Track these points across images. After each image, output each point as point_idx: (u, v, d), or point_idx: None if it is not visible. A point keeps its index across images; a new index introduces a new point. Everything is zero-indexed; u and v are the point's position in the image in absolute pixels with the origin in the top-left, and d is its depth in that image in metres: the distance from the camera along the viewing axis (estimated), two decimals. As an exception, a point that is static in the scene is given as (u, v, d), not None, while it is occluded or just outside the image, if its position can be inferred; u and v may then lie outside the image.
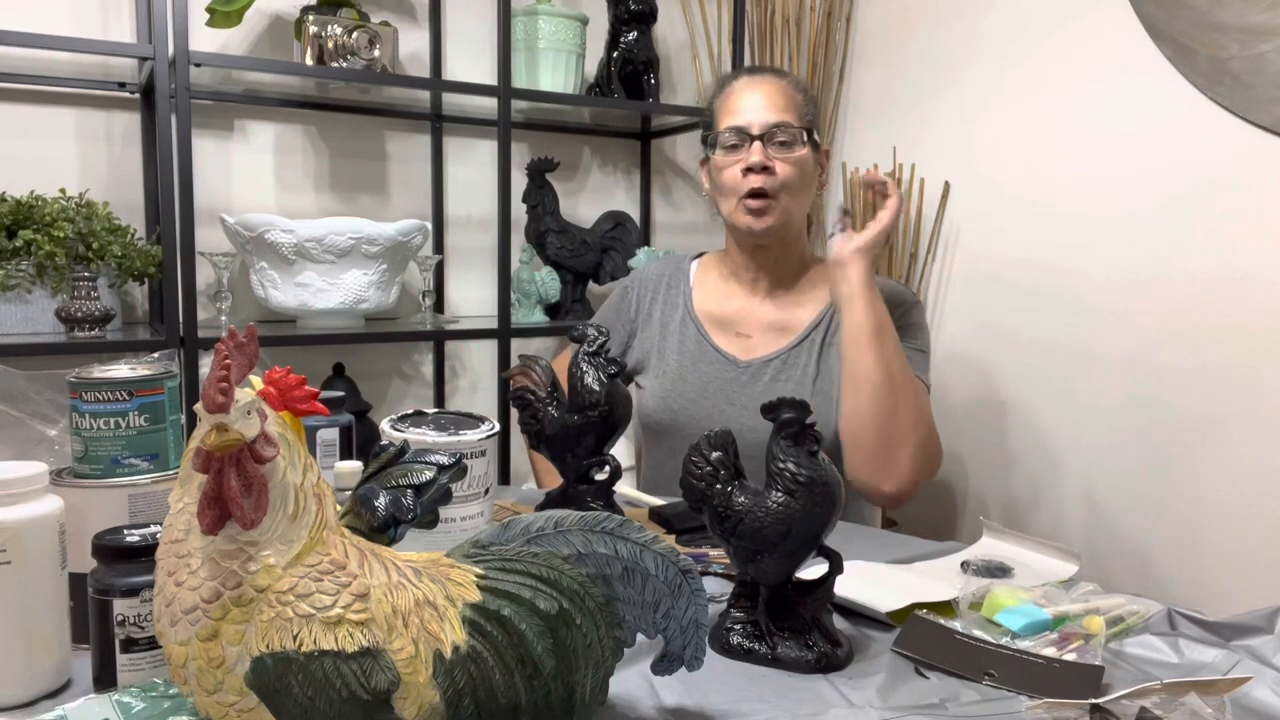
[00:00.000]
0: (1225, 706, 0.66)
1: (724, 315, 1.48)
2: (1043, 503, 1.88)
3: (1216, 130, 1.58)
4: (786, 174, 1.36)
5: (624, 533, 0.64)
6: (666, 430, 1.45)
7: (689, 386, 1.44)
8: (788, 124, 1.37)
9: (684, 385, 1.44)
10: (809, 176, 1.40)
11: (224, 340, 0.58)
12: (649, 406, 1.48)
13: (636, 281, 1.58)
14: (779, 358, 1.42)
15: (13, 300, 1.63)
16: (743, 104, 1.40)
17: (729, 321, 1.47)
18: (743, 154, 1.37)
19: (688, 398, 1.43)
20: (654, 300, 1.54)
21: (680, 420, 1.43)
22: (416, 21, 2.14)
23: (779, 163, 1.36)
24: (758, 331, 1.45)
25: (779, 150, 1.36)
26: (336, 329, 1.86)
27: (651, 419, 1.47)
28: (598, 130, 2.39)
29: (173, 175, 1.65)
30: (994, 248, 1.98)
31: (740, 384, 1.41)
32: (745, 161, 1.36)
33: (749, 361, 1.43)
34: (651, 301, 1.54)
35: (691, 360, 1.45)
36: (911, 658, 0.83)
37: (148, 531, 0.74)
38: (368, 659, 0.56)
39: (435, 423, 1.02)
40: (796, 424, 0.83)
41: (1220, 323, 1.58)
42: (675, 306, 1.52)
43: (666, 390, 1.45)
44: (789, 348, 1.42)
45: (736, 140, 1.38)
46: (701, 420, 1.40)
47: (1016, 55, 1.92)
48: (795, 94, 1.41)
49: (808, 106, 1.42)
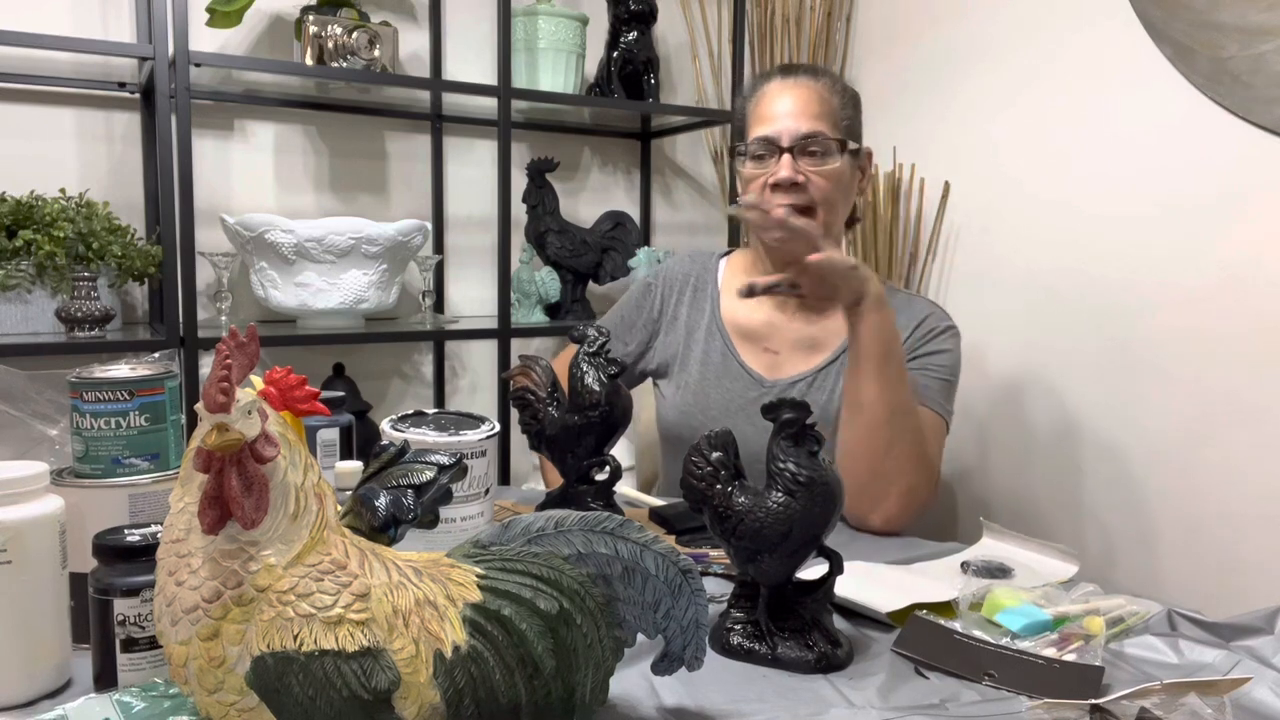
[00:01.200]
0: (1225, 707, 0.66)
1: (752, 328, 1.40)
2: (1042, 503, 1.88)
3: (1216, 130, 1.58)
4: (819, 188, 1.28)
5: (624, 533, 0.64)
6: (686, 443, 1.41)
7: (711, 403, 1.38)
8: (820, 134, 1.28)
9: (706, 401, 1.38)
10: (845, 188, 1.32)
11: (225, 340, 0.58)
12: (668, 418, 1.42)
13: (662, 279, 1.50)
14: (805, 379, 1.35)
15: (13, 300, 1.63)
16: (773, 110, 1.31)
17: (757, 335, 1.40)
18: (771, 167, 1.29)
19: (709, 415, 1.37)
20: (679, 302, 1.47)
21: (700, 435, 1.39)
22: (416, 21, 2.14)
23: (812, 175, 1.28)
24: (786, 348, 1.38)
25: (811, 162, 1.28)
26: (336, 329, 1.86)
27: (670, 431, 1.42)
28: (598, 130, 2.39)
29: (173, 175, 1.65)
30: (994, 248, 1.98)
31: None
32: (774, 175, 1.28)
33: (775, 381, 1.36)
34: (677, 303, 1.47)
35: (715, 374, 1.39)
36: (912, 658, 0.83)
37: (148, 531, 0.74)
38: (368, 659, 0.56)
39: (435, 423, 1.02)
40: (796, 424, 0.83)
41: (1220, 322, 1.58)
42: (701, 311, 1.44)
43: (688, 404, 1.40)
44: (817, 369, 1.35)
45: (764, 151, 1.30)
46: None
47: (1016, 55, 1.92)
48: (831, 97, 1.32)
49: (846, 110, 1.34)
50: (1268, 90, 1.50)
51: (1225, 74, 1.55)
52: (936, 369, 1.31)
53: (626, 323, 1.50)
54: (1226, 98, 1.56)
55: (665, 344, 1.47)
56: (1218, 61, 1.56)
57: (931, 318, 1.35)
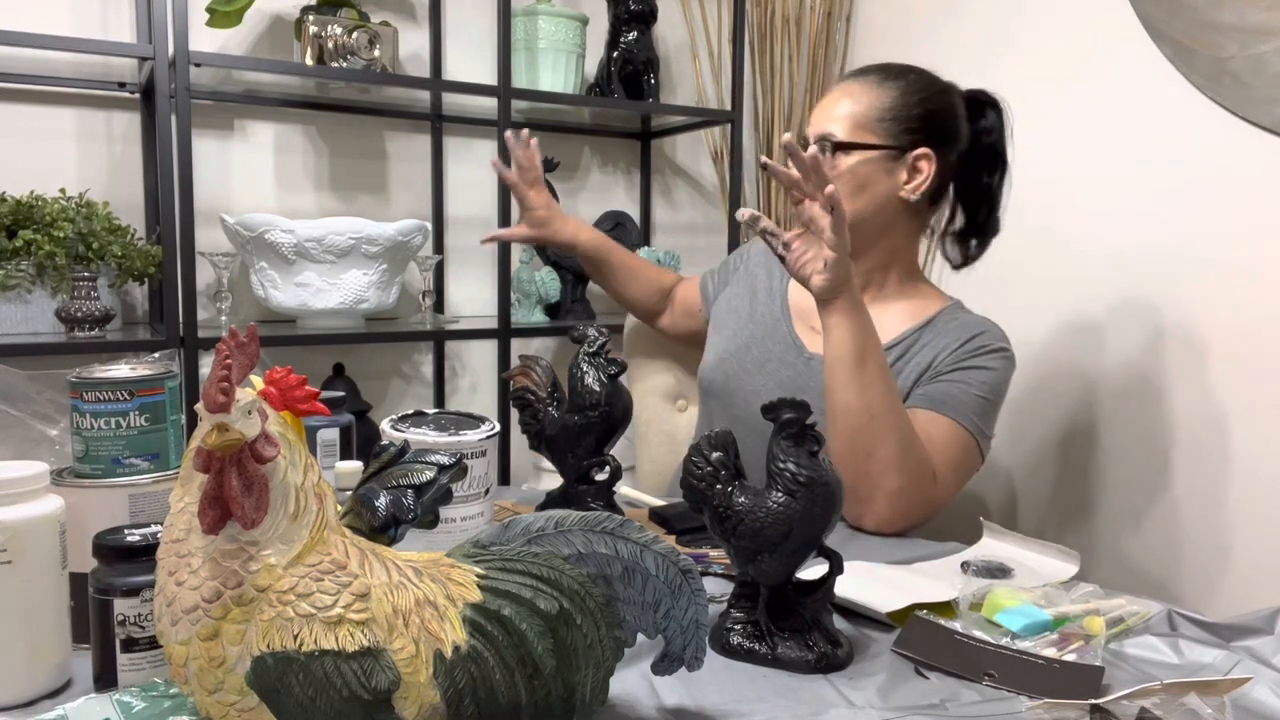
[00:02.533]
0: (1225, 707, 0.66)
1: (807, 306, 1.37)
2: (1043, 503, 1.88)
3: (1216, 130, 1.58)
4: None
5: (624, 533, 0.64)
6: (716, 394, 1.44)
7: (749, 358, 1.42)
8: (826, 136, 1.31)
9: (745, 355, 1.42)
10: (860, 188, 1.31)
11: (225, 340, 0.58)
12: (708, 363, 1.48)
13: (754, 249, 1.57)
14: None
15: (13, 300, 1.63)
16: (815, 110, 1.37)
17: (809, 312, 1.37)
18: None
19: (745, 368, 1.41)
20: (760, 265, 1.52)
21: (731, 386, 1.41)
22: (416, 21, 2.14)
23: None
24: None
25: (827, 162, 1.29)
26: (336, 329, 1.86)
27: (705, 375, 1.47)
28: (598, 130, 2.39)
29: (173, 175, 1.65)
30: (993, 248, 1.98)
31: (796, 371, 1.37)
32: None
33: (812, 354, 1.36)
34: (758, 266, 1.53)
35: (763, 332, 1.43)
36: (912, 658, 0.83)
37: (148, 531, 0.74)
38: (368, 658, 0.56)
39: (435, 423, 1.02)
40: (797, 424, 0.83)
41: (1219, 322, 1.58)
42: (774, 278, 1.49)
43: (729, 352, 1.44)
44: None
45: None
46: (748, 395, 1.37)
47: (1016, 55, 1.92)
48: (867, 96, 1.32)
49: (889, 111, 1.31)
50: (1268, 90, 1.50)
51: (1225, 74, 1.55)
52: (976, 384, 1.29)
53: (722, 264, 1.62)
54: (1226, 98, 1.56)
55: (732, 295, 1.53)
56: (1218, 61, 1.56)
57: (985, 335, 1.33)
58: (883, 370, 1.20)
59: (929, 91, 1.36)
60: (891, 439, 1.18)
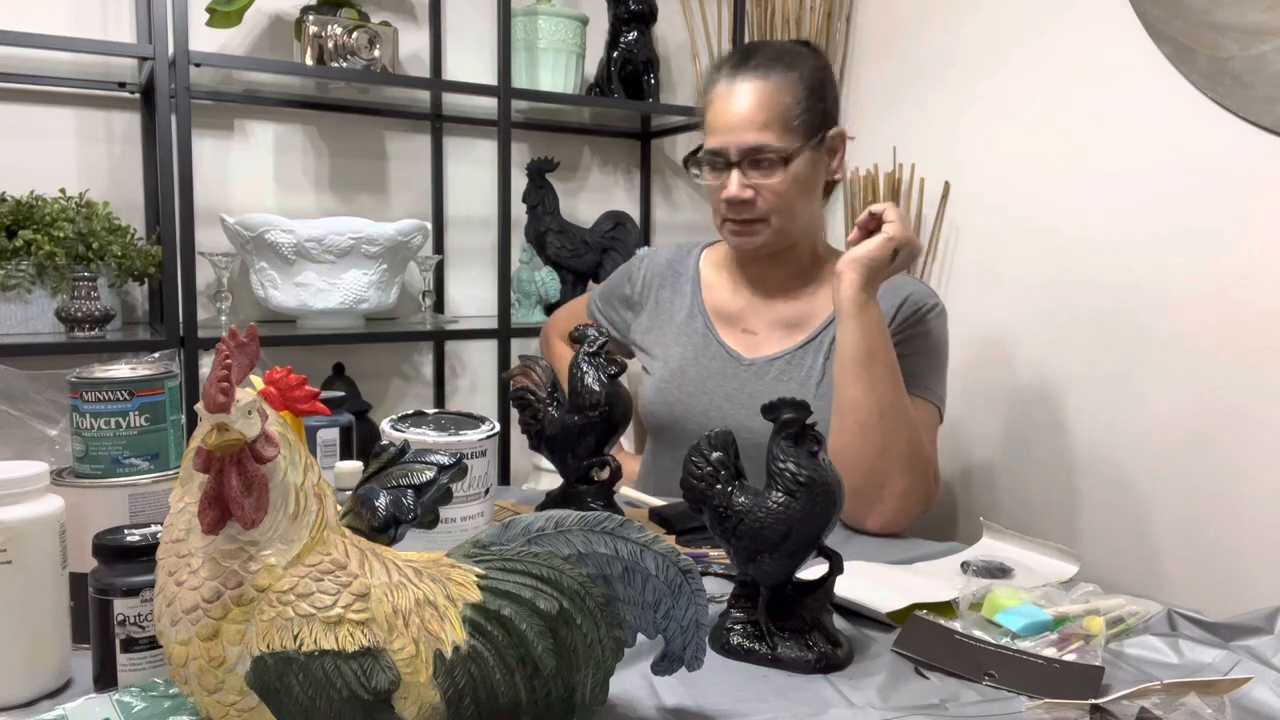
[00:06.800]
0: (1225, 707, 0.66)
1: (732, 311, 1.41)
2: (1043, 503, 1.88)
3: (1216, 130, 1.58)
4: (769, 200, 1.28)
5: (624, 533, 0.64)
6: (663, 425, 1.41)
7: (688, 380, 1.39)
8: (765, 147, 1.26)
9: (683, 379, 1.39)
10: (803, 187, 1.30)
11: (225, 340, 0.58)
12: (647, 397, 1.43)
13: (645, 263, 1.52)
14: (784, 357, 1.36)
15: (13, 300, 1.63)
16: (722, 119, 1.29)
17: (736, 317, 1.41)
18: (722, 178, 1.29)
19: (685, 391, 1.38)
20: (661, 286, 1.48)
21: (677, 414, 1.38)
22: (416, 21, 2.14)
23: (761, 188, 1.27)
24: (764, 329, 1.39)
25: (760, 174, 1.27)
26: (336, 329, 1.86)
27: (648, 410, 1.43)
28: (598, 130, 2.39)
29: (173, 175, 1.65)
30: (994, 248, 1.98)
31: (741, 381, 1.36)
32: (725, 193, 1.28)
33: (753, 360, 1.37)
34: (659, 288, 1.49)
35: (694, 353, 1.40)
36: (912, 658, 0.83)
37: (148, 531, 0.74)
38: (368, 659, 0.56)
39: (435, 423, 1.02)
40: (797, 424, 0.83)
41: (1220, 322, 1.58)
42: (683, 295, 1.46)
43: (666, 382, 1.41)
44: (795, 348, 1.36)
45: (716, 163, 1.31)
46: (698, 416, 1.36)
47: (1017, 55, 1.92)
48: (781, 96, 1.27)
49: (805, 102, 1.28)
50: (1268, 90, 1.50)
51: (1225, 74, 1.55)
52: (924, 353, 1.30)
53: (608, 294, 1.56)
54: (1226, 98, 1.56)
55: (647, 327, 1.49)
56: (1218, 61, 1.56)
57: (914, 297, 1.32)
58: (893, 369, 1.21)
59: (810, 66, 1.33)
60: (902, 436, 1.19)
